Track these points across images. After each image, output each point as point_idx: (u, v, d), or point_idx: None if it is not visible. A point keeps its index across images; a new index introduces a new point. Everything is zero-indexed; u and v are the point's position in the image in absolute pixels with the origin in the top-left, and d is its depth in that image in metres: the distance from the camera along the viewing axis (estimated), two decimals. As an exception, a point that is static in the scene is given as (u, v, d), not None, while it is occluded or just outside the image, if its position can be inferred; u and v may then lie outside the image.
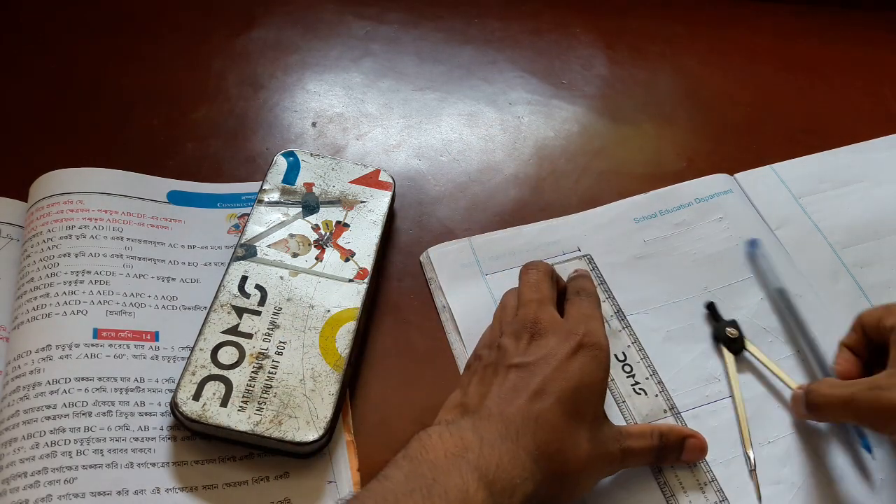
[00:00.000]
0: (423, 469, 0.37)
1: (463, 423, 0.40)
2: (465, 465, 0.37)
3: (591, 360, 0.43)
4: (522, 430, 0.40)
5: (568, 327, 0.45)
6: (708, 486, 0.45)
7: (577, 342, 0.44)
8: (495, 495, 0.36)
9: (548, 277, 0.50)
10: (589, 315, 0.46)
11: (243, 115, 0.62)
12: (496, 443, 0.39)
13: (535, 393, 0.41)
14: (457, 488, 0.35)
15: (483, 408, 0.41)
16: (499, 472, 0.37)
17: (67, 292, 0.48)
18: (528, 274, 0.50)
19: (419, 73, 0.66)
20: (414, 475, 0.36)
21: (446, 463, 0.37)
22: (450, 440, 0.38)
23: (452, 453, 0.37)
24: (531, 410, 0.41)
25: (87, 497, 0.41)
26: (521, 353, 0.44)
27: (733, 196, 0.58)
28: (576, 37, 0.70)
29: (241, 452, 0.45)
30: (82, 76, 0.63)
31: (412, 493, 0.35)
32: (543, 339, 0.44)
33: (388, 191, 0.56)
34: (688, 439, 0.45)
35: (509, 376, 0.43)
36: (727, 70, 0.68)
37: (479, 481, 0.36)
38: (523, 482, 0.38)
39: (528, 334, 0.45)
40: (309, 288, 0.50)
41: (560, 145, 0.63)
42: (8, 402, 0.44)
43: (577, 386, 0.42)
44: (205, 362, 0.46)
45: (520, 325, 0.46)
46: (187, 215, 0.55)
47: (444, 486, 0.35)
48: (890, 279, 0.54)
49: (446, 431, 0.39)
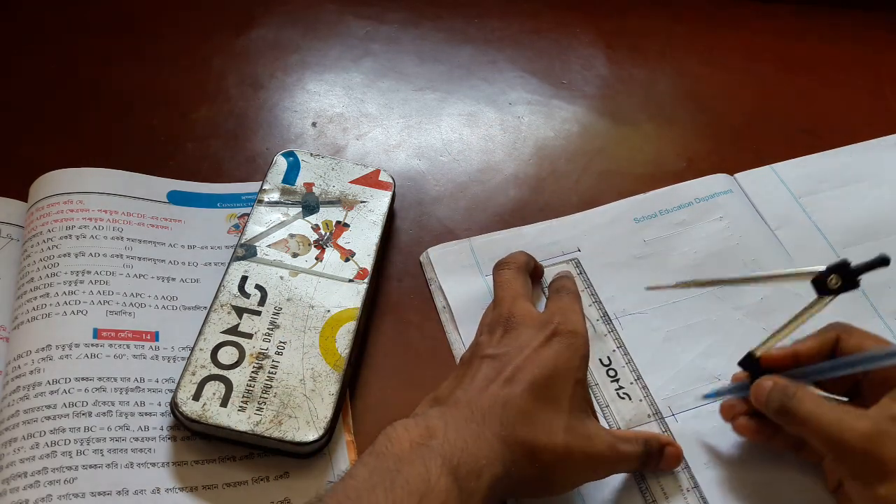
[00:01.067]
0: (388, 462, 0.36)
1: (431, 412, 0.40)
2: (428, 453, 0.36)
3: (567, 348, 0.43)
4: (489, 414, 0.39)
5: (543, 318, 0.45)
6: (690, 492, 0.45)
7: (551, 330, 0.43)
8: (460, 479, 0.36)
9: (520, 273, 0.50)
10: (566, 307, 0.46)
11: (243, 115, 0.62)
12: (461, 427, 0.38)
13: (505, 380, 0.41)
14: (419, 477, 0.35)
15: (452, 397, 0.41)
16: (464, 455, 0.37)
17: (67, 292, 0.48)
18: (500, 273, 0.51)
19: (419, 73, 0.66)
20: (378, 470, 0.36)
21: (410, 453, 0.36)
22: (415, 430, 0.38)
23: (417, 443, 0.37)
24: (499, 396, 0.40)
25: (87, 497, 0.41)
26: (495, 345, 0.44)
27: (733, 196, 0.58)
28: (576, 37, 0.70)
29: (241, 452, 0.45)
30: (82, 76, 0.63)
31: (374, 489, 0.35)
32: (517, 331, 0.44)
33: (388, 191, 0.56)
34: (666, 447, 0.45)
35: (482, 367, 0.43)
36: (727, 70, 0.68)
37: (443, 467, 0.36)
38: (491, 463, 0.37)
39: (501, 328, 0.45)
40: (309, 288, 0.50)
41: (560, 145, 0.63)
42: (8, 402, 0.44)
43: (550, 374, 0.41)
44: (205, 362, 0.46)
45: (494, 320, 0.46)
46: (187, 215, 0.55)
47: (406, 477, 0.35)
48: (890, 279, 0.54)
49: (412, 422, 0.38)
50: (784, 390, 0.41)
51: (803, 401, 0.40)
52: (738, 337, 0.51)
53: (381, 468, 0.36)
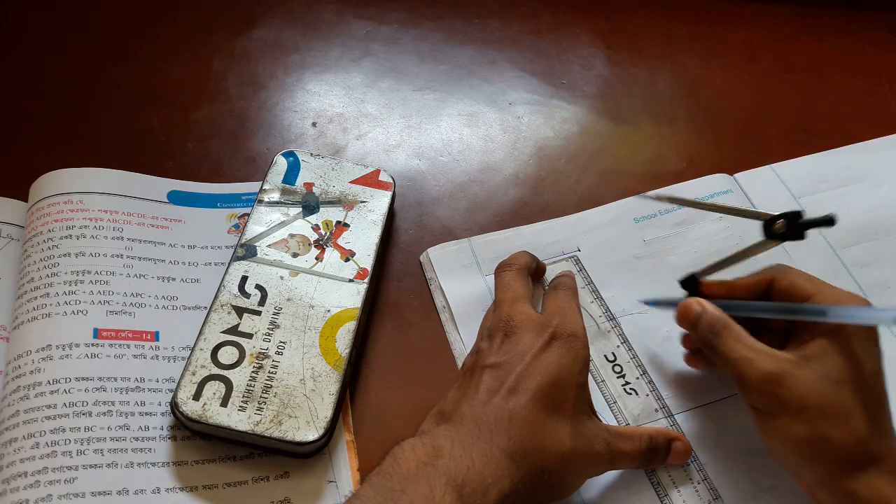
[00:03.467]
0: (394, 483, 0.36)
1: (438, 430, 0.40)
2: (433, 473, 0.36)
3: (567, 352, 0.43)
4: (496, 429, 0.39)
5: (542, 320, 0.45)
6: (701, 485, 0.45)
7: (549, 334, 0.43)
8: (465, 497, 0.36)
9: (521, 275, 0.50)
10: (564, 306, 0.46)
11: (243, 115, 0.62)
12: (468, 444, 0.38)
13: (508, 391, 0.41)
14: (423, 496, 0.35)
15: (457, 412, 0.41)
16: (469, 473, 0.37)
17: (68, 292, 0.48)
18: (500, 275, 0.51)
19: (419, 73, 0.66)
20: (383, 489, 0.36)
21: (416, 473, 0.37)
22: (421, 450, 0.38)
23: (423, 462, 0.37)
24: (504, 408, 0.40)
25: (88, 497, 0.41)
26: (495, 352, 0.44)
27: (733, 196, 0.58)
28: (576, 37, 0.70)
29: (242, 452, 0.45)
30: (82, 76, 0.63)
31: None
32: (516, 336, 0.44)
33: (388, 191, 0.56)
34: (674, 442, 0.45)
35: (484, 378, 0.43)
36: (727, 70, 0.68)
37: (447, 486, 0.36)
38: (497, 481, 0.37)
39: (501, 333, 0.45)
40: (309, 288, 0.50)
41: (560, 145, 0.63)
42: (8, 402, 0.44)
43: (553, 381, 0.42)
44: (205, 362, 0.46)
45: (494, 325, 0.46)
46: (187, 215, 0.55)
47: (410, 497, 0.35)
48: (889, 279, 0.54)
49: (419, 442, 0.39)
50: (712, 326, 0.43)
51: (724, 338, 0.43)
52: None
53: (386, 488, 0.36)
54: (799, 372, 0.40)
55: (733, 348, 0.42)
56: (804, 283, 0.43)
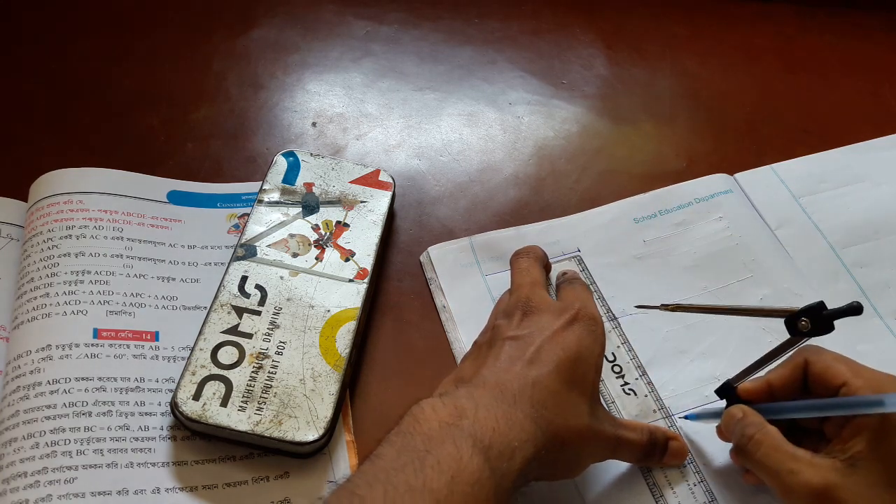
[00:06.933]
0: (416, 442, 0.35)
1: (458, 392, 0.39)
2: (458, 433, 0.35)
3: (588, 333, 0.43)
4: (519, 395, 0.39)
5: (562, 305, 0.45)
6: (697, 487, 0.45)
7: (571, 315, 0.43)
8: (492, 460, 0.35)
9: (538, 263, 0.50)
10: (583, 296, 0.47)
11: (243, 115, 0.62)
12: (492, 406, 0.37)
13: (530, 360, 0.41)
14: (450, 457, 0.34)
15: (478, 376, 0.40)
16: (495, 436, 0.36)
17: (67, 292, 0.48)
18: (518, 261, 0.50)
19: (419, 73, 0.66)
20: (406, 449, 0.35)
21: (440, 433, 0.36)
22: (443, 410, 0.37)
23: (446, 423, 0.36)
24: (528, 376, 0.40)
25: (87, 497, 0.41)
26: (515, 327, 0.44)
27: (733, 196, 0.58)
28: (576, 37, 0.70)
29: (241, 452, 0.45)
30: (82, 76, 0.63)
31: (404, 468, 0.34)
32: (536, 315, 0.44)
33: (388, 191, 0.56)
34: (671, 441, 0.45)
35: (504, 348, 0.42)
36: (727, 70, 0.68)
37: (474, 447, 0.35)
38: (522, 444, 0.37)
39: (520, 312, 0.45)
40: (309, 288, 0.50)
41: (560, 145, 0.63)
42: (8, 402, 0.44)
43: (575, 357, 0.41)
44: (205, 362, 0.46)
45: (511, 306, 0.46)
46: (187, 215, 0.55)
47: (436, 457, 0.34)
48: (889, 279, 0.54)
49: (439, 402, 0.38)
50: (742, 432, 0.42)
51: (760, 445, 0.41)
52: (737, 337, 0.51)
53: (409, 448, 0.35)
54: (847, 482, 0.38)
55: (773, 456, 0.40)
56: (840, 368, 0.41)
